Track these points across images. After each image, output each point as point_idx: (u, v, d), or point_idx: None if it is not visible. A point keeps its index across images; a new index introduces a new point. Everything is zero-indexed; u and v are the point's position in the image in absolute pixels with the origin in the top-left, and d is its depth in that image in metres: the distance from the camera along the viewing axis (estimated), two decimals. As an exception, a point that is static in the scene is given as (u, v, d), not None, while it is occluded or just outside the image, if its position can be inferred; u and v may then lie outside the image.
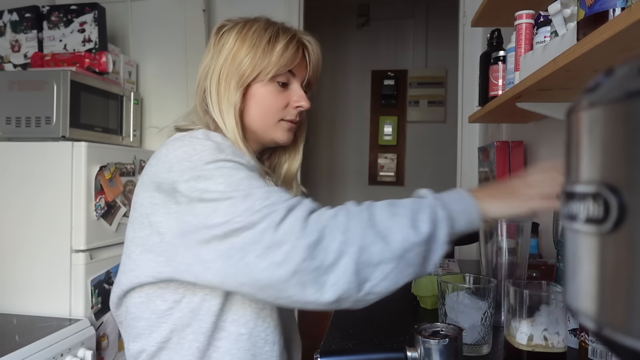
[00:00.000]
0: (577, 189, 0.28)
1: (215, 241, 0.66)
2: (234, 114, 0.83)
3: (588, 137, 0.27)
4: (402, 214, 0.65)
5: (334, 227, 0.64)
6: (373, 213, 0.66)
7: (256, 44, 0.83)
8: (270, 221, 0.63)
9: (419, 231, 0.64)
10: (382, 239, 0.63)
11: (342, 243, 0.62)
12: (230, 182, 0.69)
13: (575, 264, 0.28)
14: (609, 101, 0.25)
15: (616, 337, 0.24)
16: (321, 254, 0.62)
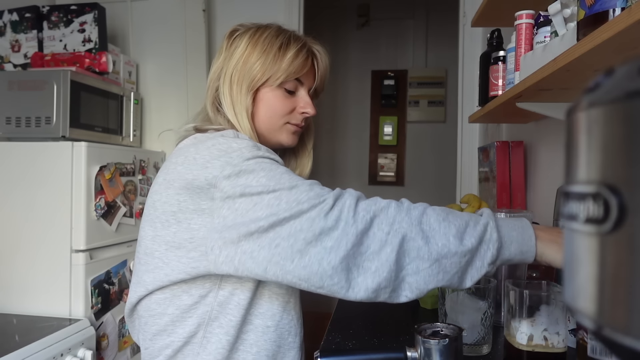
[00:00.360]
0: (577, 189, 0.28)
1: (259, 232, 0.68)
2: (247, 116, 0.86)
3: (588, 137, 0.27)
4: (452, 222, 0.68)
5: (383, 218, 0.67)
6: (426, 213, 0.68)
7: (267, 49, 0.86)
8: (319, 209, 0.67)
9: (462, 243, 0.66)
10: (424, 238, 0.66)
11: (387, 234, 0.66)
12: (272, 176, 0.71)
13: (575, 264, 0.28)
14: (609, 101, 0.25)
15: (616, 337, 0.24)
16: (367, 241, 0.65)
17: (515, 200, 1.57)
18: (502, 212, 0.94)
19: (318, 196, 0.68)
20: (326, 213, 0.66)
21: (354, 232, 0.65)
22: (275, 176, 0.71)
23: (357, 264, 0.65)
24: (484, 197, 1.77)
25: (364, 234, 0.65)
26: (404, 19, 3.79)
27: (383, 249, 0.65)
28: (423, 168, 3.75)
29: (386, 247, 0.65)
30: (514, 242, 0.68)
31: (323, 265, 0.65)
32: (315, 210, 0.67)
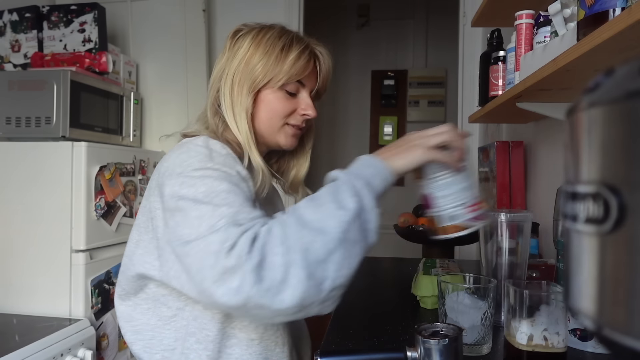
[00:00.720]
0: (577, 189, 0.28)
1: (182, 257, 0.68)
2: (247, 117, 0.85)
3: (588, 137, 0.27)
4: (325, 202, 0.67)
5: (272, 242, 0.63)
6: (300, 214, 0.66)
7: (269, 51, 0.85)
8: (222, 246, 0.63)
9: (348, 208, 0.66)
10: (319, 232, 0.63)
11: (284, 255, 0.62)
12: (209, 192, 0.69)
13: (575, 264, 0.28)
14: (609, 101, 0.25)
15: (616, 337, 0.24)
16: (268, 274, 0.61)
17: (515, 200, 1.57)
18: (502, 212, 0.94)
19: (229, 227, 0.64)
20: (228, 250, 0.62)
21: (250, 270, 0.61)
22: (212, 192, 0.69)
23: (269, 299, 0.61)
24: (484, 197, 1.77)
25: (261, 267, 0.61)
26: (404, 19, 3.79)
27: (289, 272, 0.61)
28: (423, 168, 3.75)
29: (291, 268, 0.61)
30: (374, 176, 0.71)
31: (233, 305, 0.62)
32: (219, 245, 0.63)
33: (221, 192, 0.69)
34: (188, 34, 2.41)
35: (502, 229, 0.95)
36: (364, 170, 0.71)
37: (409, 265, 1.52)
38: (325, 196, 0.68)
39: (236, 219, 0.66)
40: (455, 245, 1.76)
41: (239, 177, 0.75)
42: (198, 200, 0.69)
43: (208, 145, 0.78)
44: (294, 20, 2.50)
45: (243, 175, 0.77)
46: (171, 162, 0.76)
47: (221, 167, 0.74)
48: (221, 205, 0.68)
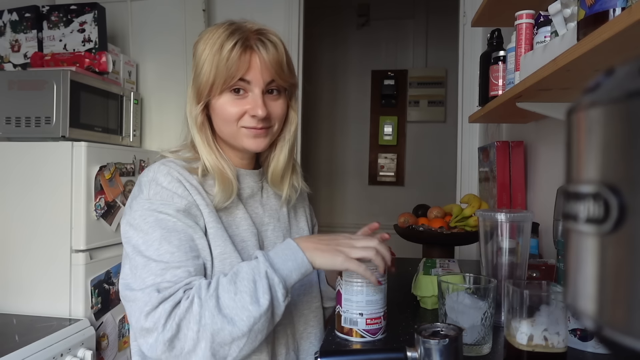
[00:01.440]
0: (577, 189, 0.28)
1: (123, 297, 0.80)
2: (197, 129, 0.88)
3: (588, 137, 0.27)
4: (243, 291, 0.74)
5: (189, 318, 0.72)
6: (219, 297, 0.73)
7: (208, 56, 0.84)
8: (144, 308, 0.73)
9: (260, 304, 0.73)
10: (229, 322, 0.72)
11: (197, 332, 0.71)
12: (145, 241, 0.78)
13: (575, 264, 0.28)
14: (609, 101, 0.25)
15: (616, 337, 0.24)
16: (180, 344, 0.72)
17: (515, 200, 1.57)
18: (502, 212, 0.94)
19: (153, 289, 0.74)
20: (147, 313, 0.73)
21: (163, 341, 0.71)
22: (146, 242, 0.79)
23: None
24: (484, 197, 1.77)
25: (173, 340, 0.71)
26: (404, 19, 3.79)
27: (198, 346, 0.71)
28: (423, 168, 3.75)
29: (200, 343, 0.71)
30: (292, 270, 0.77)
31: (150, 354, 0.74)
32: (142, 304, 0.74)
33: (154, 242, 0.78)
34: (188, 34, 2.41)
35: (502, 229, 0.94)
36: (286, 263, 0.77)
37: (409, 265, 1.52)
38: (244, 282, 0.74)
39: (159, 286, 0.74)
40: (455, 245, 1.76)
41: (175, 214, 0.80)
42: (136, 248, 0.79)
43: (154, 179, 0.83)
44: (294, 21, 2.50)
45: (182, 206, 0.82)
46: (132, 192, 0.87)
47: (158, 206, 0.80)
48: (152, 259, 0.77)
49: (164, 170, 0.84)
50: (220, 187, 0.85)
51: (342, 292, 0.86)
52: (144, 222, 0.80)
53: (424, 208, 1.79)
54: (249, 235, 0.89)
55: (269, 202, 0.98)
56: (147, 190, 0.82)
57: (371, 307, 0.85)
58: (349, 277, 0.84)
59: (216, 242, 0.83)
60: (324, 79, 3.84)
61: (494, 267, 0.95)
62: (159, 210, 0.80)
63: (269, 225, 0.95)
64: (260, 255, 0.78)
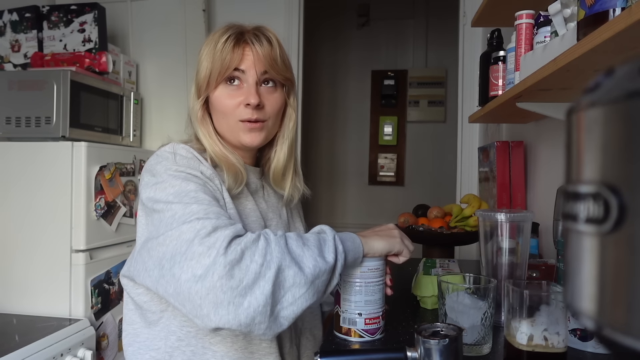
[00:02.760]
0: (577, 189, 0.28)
1: (155, 250, 0.71)
2: (199, 123, 0.90)
3: (588, 137, 0.27)
4: (311, 245, 0.74)
5: (255, 249, 0.67)
6: (288, 243, 0.72)
7: (206, 54, 0.88)
8: (197, 234, 0.67)
9: (327, 260, 0.73)
10: (296, 264, 0.69)
11: (261, 265, 0.66)
12: (178, 193, 0.75)
13: (575, 264, 0.28)
14: (609, 101, 0.25)
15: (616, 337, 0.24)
16: (240, 274, 0.64)
17: (515, 200, 1.57)
18: (502, 212, 0.94)
19: (203, 220, 0.69)
20: (202, 238, 0.67)
21: (223, 263, 0.64)
22: (180, 193, 0.74)
23: (228, 299, 0.64)
24: (484, 197, 1.77)
25: (234, 265, 0.65)
26: (404, 19, 3.79)
27: (257, 283, 0.65)
28: (423, 168, 3.75)
29: (260, 281, 0.65)
30: (350, 251, 0.80)
31: (192, 293, 0.64)
32: (192, 233, 0.68)
33: (189, 192, 0.75)
34: (188, 34, 2.41)
35: (502, 229, 0.95)
36: (347, 242, 0.80)
37: (409, 265, 1.52)
38: (312, 240, 0.75)
39: (207, 213, 0.71)
40: (455, 245, 1.76)
41: (203, 177, 0.80)
42: (169, 201, 0.74)
43: (174, 150, 0.83)
44: (294, 21, 2.50)
45: (207, 174, 0.81)
46: (145, 168, 0.83)
47: (185, 169, 0.79)
48: (191, 203, 0.72)
49: (182, 147, 0.85)
50: (230, 173, 0.86)
51: (340, 292, 0.86)
52: (174, 180, 0.76)
53: (424, 208, 1.79)
54: (257, 227, 0.90)
55: (270, 200, 0.99)
56: (171, 158, 0.81)
57: (370, 307, 0.85)
58: (348, 277, 0.85)
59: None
60: (324, 79, 3.84)
61: (494, 267, 0.95)
62: (188, 172, 0.79)
63: (272, 220, 0.97)
64: (326, 227, 0.81)
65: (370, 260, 0.84)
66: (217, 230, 0.68)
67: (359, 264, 0.84)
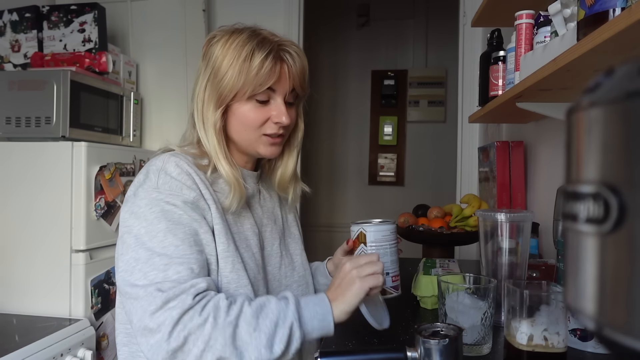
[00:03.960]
0: (577, 189, 0.28)
1: (124, 293, 0.77)
2: (214, 132, 0.86)
3: (588, 137, 0.27)
4: (262, 330, 0.72)
5: (198, 335, 0.70)
6: (238, 326, 0.72)
7: (234, 62, 0.83)
8: (149, 306, 0.71)
9: (273, 351, 0.72)
10: (237, 355, 0.70)
11: (202, 351, 0.70)
12: (147, 232, 0.76)
13: (575, 264, 0.28)
14: (609, 101, 0.25)
15: (616, 337, 0.24)
16: (182, 356, 0.70)
17: (515, 200, 1.57)
18: (502, 212, 0.94)
19: (158, 285, 0.72)
20: (152, 313, 0.71)
21: (166, 350, 0.69)
22: (150, 232, 0.76)
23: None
24: (484, 197, 1.77)
25: (177, 351, 0.70)
26: (404, 19, 3.79)
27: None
28: (423, 168, 3.75)
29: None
30: (315, 330, 0.76)
31: (149, 355, 0.71)
32: (146, 302, 0.72)
33: (159, 233, 0.76)
34: (188, 34, 2.41)
35: (502, 229, 0.95)
36: (312, 321, 0.76)
37: (409, 265, 1.52)
38: (267, 322, 0.73)
39: (163, 285, 0.73)
40: (455, 245, 1.76)
41: (182, 208, 0.79)
42: (138, 239, 0.76)
43: (164, 168, 0.81)
44: (294, 21, 2.50)
45: (191, 199, 0.80)
46: (135, 181, 0.84)
47: (165, 196, 0.79)
48: (155, 252, 0.75)
49: (173, 161, 0.82)
50: (236, 195, 0.86)
51: None
52: (149, 212, 0.77)
53: (424, 208, 1.79)
54: (251, 235, 0.91)
55: (266, 205, 0.99)
56: (155, 178, 0.80)
57: (394, 266, 0.93)
58: (374, 243, 0.92)
59: (220, 239, 0.83)
60: (324, 80, 3.84)
61: (494, 267, 0.95)
62: (166, 200, 0.78)
63: (267, 227, 0.97)
64: (292, 301, 0.76)
65: (390, 223, 0.94)
66: (165, 307, 0.71)
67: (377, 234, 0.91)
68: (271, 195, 1.01)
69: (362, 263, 0.80)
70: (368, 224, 0.93)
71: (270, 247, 0.96)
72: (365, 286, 0.77)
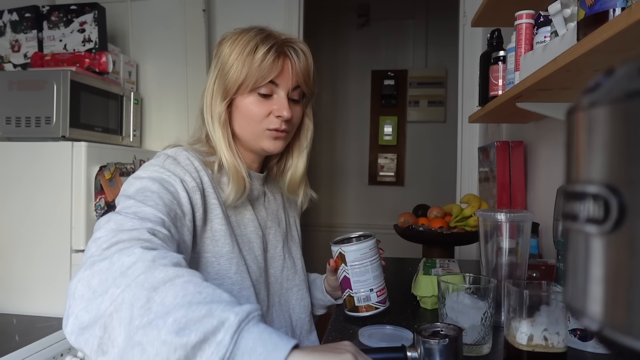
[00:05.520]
0: (577, 189, 0.28)
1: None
2: (220, 125, 0.87)
3: (588, 137, 0.27)
4: (189, 305, 0.50)
5: (118, 282, 0.54)
6: (172, 283, 0.52)
7: (239, 56, 0.85)
8: (104, 222, 0.63)
9: (179, 334, 0.48)
10: (148, 295, 0.51)
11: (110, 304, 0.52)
12: (139, 189, 0.73)
13: (575, 264, 0.28)
14: (609, 101, 0.25)
15: (616, 337, 0.24)
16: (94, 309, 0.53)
17: (515, 200, 1.57)
18: (502, 212, 0.94)
19: (113, 230, 0.61)
20: (103, 249, 0.58)
21: (90, 262, 0.56)
22: (140, 190, 0.73)
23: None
24: (484, 197, 1.77)
25: (90, 301, 0.54)
26: (404, 19, 3.79)
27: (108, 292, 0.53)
28: (423, 168, 3.75)
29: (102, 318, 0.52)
30: (253, 354, 0.48)
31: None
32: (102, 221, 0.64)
33: (146, 191, 0.72)
34: (188, 34, 2.41)
35: (502, 229, 0.94)
36: (257, 344, 0.48)
37: (409, 265, 1.52)
38: (200, 307, 0.50)
39: (132, 217, 0.64)
40: (455, 245, 1.76)
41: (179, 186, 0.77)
42: (126, 194, 0.73)
43: (174, 155, 0.82)
44: (294, 21, 2.50)
45: (190, 187, 0.79)
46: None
47: (165, 172, 0.78)
48: (131, 198, 0.70)
49: (184, 154, 0.84)
50: (234, 185, 0.86)
51: (349, 277, 0.93)
52: (147, 178, 0.76)
53: (424, 208, 1.79)
54: (255, 237, 0.91)
55: (270, 207, 0.99)
56: (162, 159, 0.81)
57: (377, 281, 0.94)
58: (354, 262, 0.92)
59: (225, 241, 0.83)
60: (324, 80, 3.84)
61: (494, 267, 0.95)
62: (168, 174, 0.78)
63: (271, 229, 0.97)
64: (245, 308, 0.51)
65: (368, 240, 0.93)
66: (117, 215, 0.64)
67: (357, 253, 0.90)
68: (276, 197, 1.02)
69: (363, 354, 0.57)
70: (347, 244, 0.93)
71: (274, 250, 0.96)
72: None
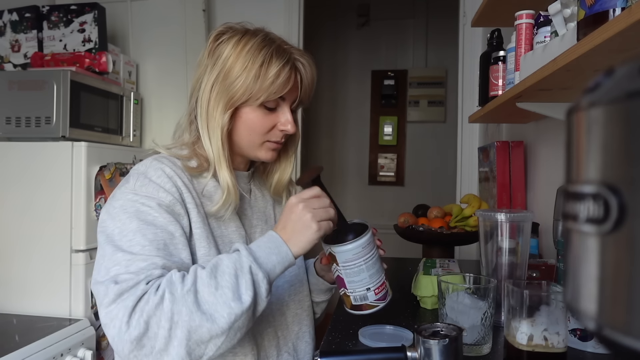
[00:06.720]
0: (577, 189, 0.28)
1: (94, 291, 0.75)
2: (221, 135, 0.85)
3: (588, 137, 0.27)
4: (224, 286, 0.69)
5: (160, 316, 0.67)
6: (198, 291, 0.69)
7: (249, 66, 0.82)
8: (103, 299, 0.69)
9: (242, 300, 0.69)
10: (208, 319, 0.67)
11: (169, 330, 0.66)
12: (120, 231, 0.75)
13: (575, 264, 0.28)
14: (609, 101, 0.25)
15: (616, 337, 0.24)
16: (150, 342, 0.66)
17: (515, 200, 1.57)
18: (502, 212, 0.94)
19: (114, 279, 0.70)
20: (106, 305, 0.68)
21: (128, 340, 0.66)
22: (122, 232, 0.75)
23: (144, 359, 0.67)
24: (484, 197, 1.77)
25: (141, 339, 0.66)
26: (404, 19, 3.79)
27: (170, 344, 0.66)
28: (423, 168, 3.75)
29: (173, 342, 0.66)
30: (277, 265, 0.75)
31: (117, 349, 0.68)
32: (102, 294, 0.70)
33: (129, 233, 0.74)
34: (188, 34, 2.41)
35: (502, 229, 0.94)
36: (270, 257, 0.74)
37: (409, 265, 1.52)
38: (227, 278, 0.70)
39: (119, 277, 0.70)
40: (455, 245, 1.76)
41: (157, 210, 0.77)
42: (109, 237, 0.75)
43: (144, 172, 0.81)
44: (294, 21, 2.50)
45: (165, 203, 0.78)
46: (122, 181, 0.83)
47: (140, 198, 0.78)
48: (120, 249, 0.73)
49: (155, 165, 0.82)
50: (226, 201, 0.85)
51: (343, 277, 0.86)
52: (123, 212, 0.76)
53: (424, 208, 1.79)
54: (236, 237, 0.89)
55: (257, 204, 0.98)
56: (133, 181, 0.80)
57: (375, 278, 0.86)
58: (346, 263, 0.84)
59: (201, 244, 0.82)
60: (324, 80, 3.84)
61: (494, 267, 0.95)
62: (142, 202, 0.77)
63: (257, 228, 0.95)
64: (242, 248, 0.74)
65: (360, 238, 0.83)
66: (119, 298, 0.68)
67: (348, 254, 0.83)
68: (264, 194, 1.01)
69: (307, 197, 0.78)
70: (338, 245, 0.84)
71: None
72: (324, 228, 0.77)
